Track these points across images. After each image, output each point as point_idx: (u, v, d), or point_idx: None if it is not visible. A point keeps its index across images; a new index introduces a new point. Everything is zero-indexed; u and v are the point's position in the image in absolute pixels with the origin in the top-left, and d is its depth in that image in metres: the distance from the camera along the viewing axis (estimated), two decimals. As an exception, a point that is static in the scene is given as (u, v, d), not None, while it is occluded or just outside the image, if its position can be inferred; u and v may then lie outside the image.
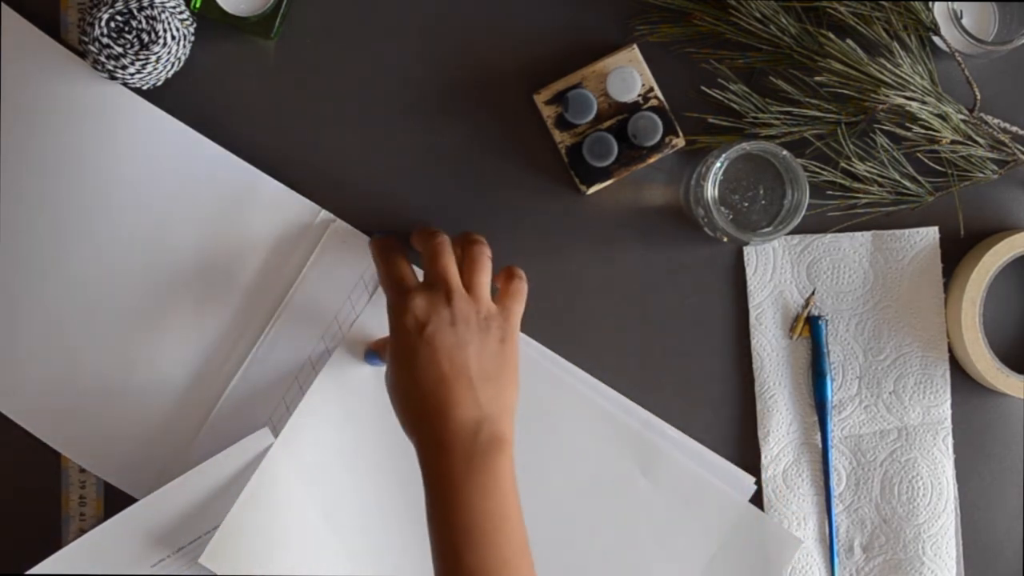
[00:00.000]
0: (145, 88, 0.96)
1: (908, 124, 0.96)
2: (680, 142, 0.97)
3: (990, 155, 0.97)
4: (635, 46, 0.97)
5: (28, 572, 0.93)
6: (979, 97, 0.97)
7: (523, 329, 0.98)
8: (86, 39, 0.93)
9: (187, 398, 0.96)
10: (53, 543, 0.98)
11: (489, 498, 0.82)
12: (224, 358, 0.97)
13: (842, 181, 0.98)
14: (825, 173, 0.97)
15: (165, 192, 0.96)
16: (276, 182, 0.97)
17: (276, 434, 0.95)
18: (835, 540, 0.99)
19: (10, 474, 0.98)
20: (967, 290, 0.97)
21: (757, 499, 0.99)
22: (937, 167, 0.98)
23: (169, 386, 0.96)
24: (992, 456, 1.00)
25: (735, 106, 0.97)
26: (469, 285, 0.88)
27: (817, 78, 0.96)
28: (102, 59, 0.93)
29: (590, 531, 0.98)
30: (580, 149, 0.96)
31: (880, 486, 0.99)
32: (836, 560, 0.99)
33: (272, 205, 0.97)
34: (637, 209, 0.99)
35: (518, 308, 0.90)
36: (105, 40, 0.93)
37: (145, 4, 0.93)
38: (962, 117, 0.97)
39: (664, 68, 0.98)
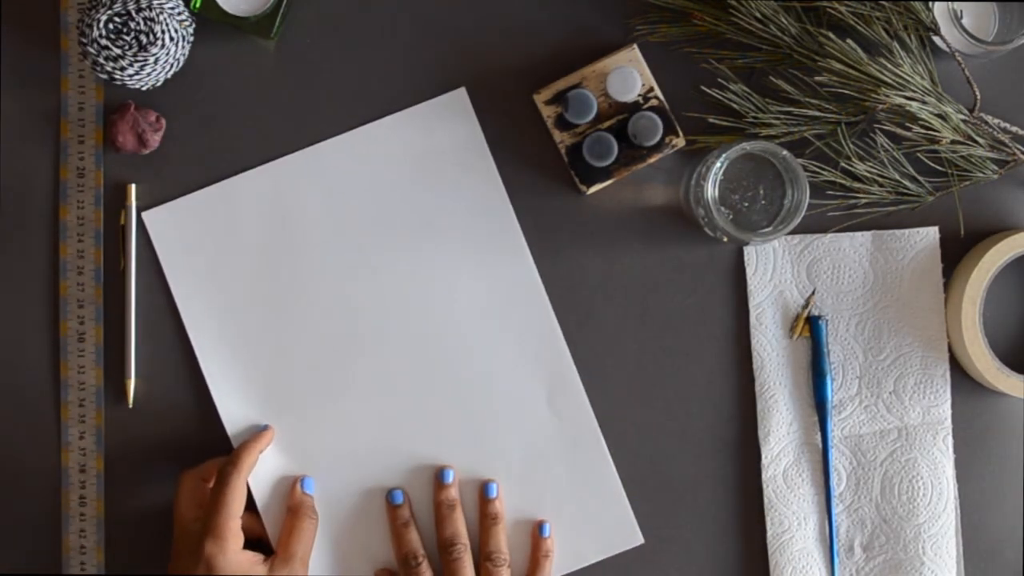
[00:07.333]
0: (144, 89, 0.96)
1: (908, 124, 0.96)
2: (680, 142, 0.97)
3: (990, 155, 0.97)
4: (635, 46, 0.97)
5: None
6: (979, 97, 0.96)
7: (523, 329, 0.98)
8: (85, 40, 0.93)
9: None
10: (53, 543, 0.98)
11: None
12: None
13: (842, 181, 0.98)
14: (825, 173, 0.97)
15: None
16: None
17: None
18: (835, 540, 0.99)
19: (10, 474, 0.98)
20: (967, 290, 0.96)
21: (755, 499, 0.99)
22: (937, 167, 0.98)
23: None
24: (992, 456, 1.00)
25: (735, 106, 0.97)
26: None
27: (817, 78, 0.96)
28: (101, 60, 0.93)
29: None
30: (580, 149, 0.96)
31: (880, 486, 0.99)
32: (836, 560, 0.99)
33: None
34: (637, 209, 0.99)
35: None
36: (104, 42, 0.93)
37: (143, 5, 0.93)
38: (962, 117, 0.97)
39: (664, 68, 0.98)
